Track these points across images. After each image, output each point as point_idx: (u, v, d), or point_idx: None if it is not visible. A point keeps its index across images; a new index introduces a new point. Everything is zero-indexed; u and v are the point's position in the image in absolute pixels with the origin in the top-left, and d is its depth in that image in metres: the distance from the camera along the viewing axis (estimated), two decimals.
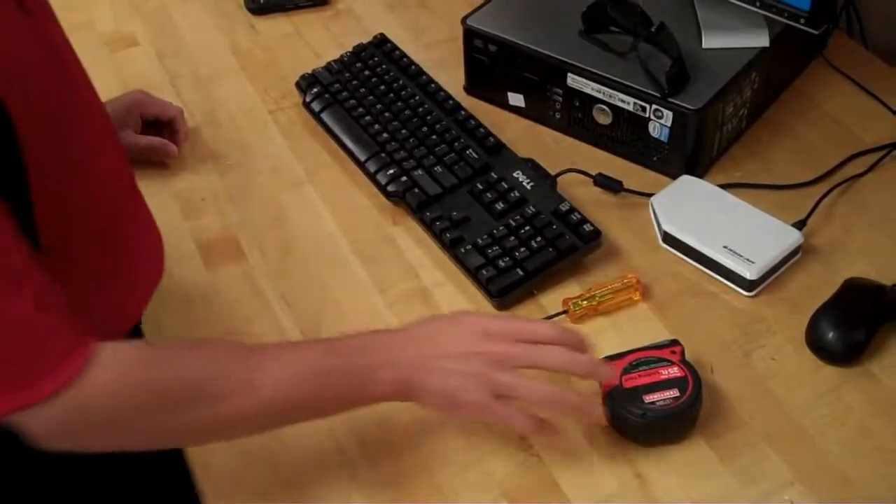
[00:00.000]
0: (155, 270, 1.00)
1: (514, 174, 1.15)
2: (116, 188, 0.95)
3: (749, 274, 1.04)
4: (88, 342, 0.79)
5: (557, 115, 1.25)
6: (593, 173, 1.17)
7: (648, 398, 0.91)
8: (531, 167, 1.16)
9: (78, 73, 0.91)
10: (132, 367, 0.81)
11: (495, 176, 1.15)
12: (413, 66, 1.30)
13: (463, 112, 1.23)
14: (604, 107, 1.19)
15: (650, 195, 1.15)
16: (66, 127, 0.84)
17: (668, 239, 1.10)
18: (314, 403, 0.87)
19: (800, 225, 1.10)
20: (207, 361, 0.84)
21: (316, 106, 1.27)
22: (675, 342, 0.97)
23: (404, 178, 1.16)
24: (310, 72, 1.32)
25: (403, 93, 1.26)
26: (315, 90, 1.28)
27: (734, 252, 1.06)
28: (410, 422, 0.95)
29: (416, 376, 0.87)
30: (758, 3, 1.17)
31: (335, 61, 1.33)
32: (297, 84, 1.31)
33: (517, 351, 0.88)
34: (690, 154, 1.17)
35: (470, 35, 1.27)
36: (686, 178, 1.16)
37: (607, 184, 1.16)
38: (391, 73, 1.29)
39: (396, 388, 0.87)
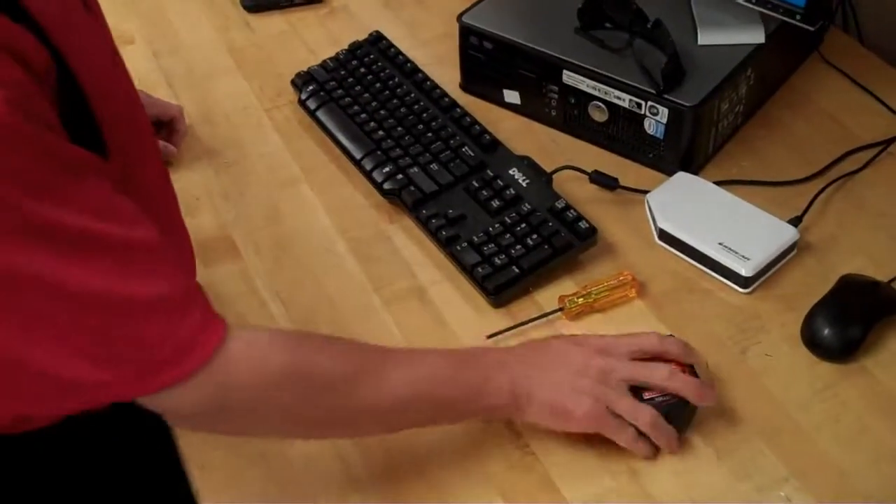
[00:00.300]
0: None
1: (510, 172, 1.15)
2: (161, 198, 0.97)
3: (744, 271, 1.04)
4: (222, 320, 0.79)
5: (553, 113, 1.25)
6: (589, 170, 1.17)
7: (647, 395, 0.91)
8: (527, 164, 1.16)
9: (128, 77, 0.93)
10: (273, 348, 0.82)
11: (491, 173, 1.15)
12: (409, 64, 1.30)
13: (458, 110, 1.23)
14: (599, 104, 1.19)
15: (646, 192, 1.15)
16: (126, 130, 0.86)
17: (664, 236, 1.10)
18: (435, 406, 0.88)
19: (795, 221, 1.10)
20: (346, 352, 0.86)
21: (311, 104, 1.27)
22: (670, 338, 0.97)
23: (400, 176, 1.16)
24: (305, 69, 1.32)
25: (399, 90, 1.26)
26: (310, 88, 1.28)
27: (729, 249, 1.06)
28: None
29: (531, 389, 0.89)
30: (753, 0, 1.17)
31: (331, 59, 1.33)
32: (293, 82, 1.31)
33: (628, 368, 0.91)
34: (686, 151, 1.17)
35: (465, 32, 1.27)
36: (682, 175, 1.16)
37: (603, 181, 1.16)
38: (387, 71, 1.29)
39: (511, 400, 0.88)
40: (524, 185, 1.13)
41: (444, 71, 1.33)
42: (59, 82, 0.74)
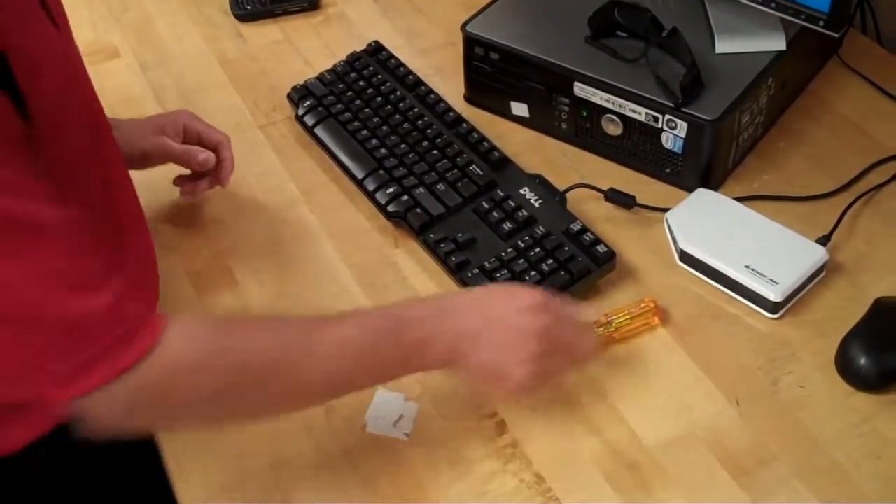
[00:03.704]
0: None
1: (521, 191, 1.09)
2: (122, 219, 0.94)
3: (773, 295, 0.99)
4: (157, 314, 0.77)
5: (564, 126, 1.19)
6: (604, 188, 1.12)
7: None
8: (539, 183, 1.11)
9: (93, 100, 0.91)
10: (200, 344, 0.79)
11: (501, 193, 1.09)
12: (410, 76, 1.24)
13: (465, 125, 1.17)
14: (613, 117, 1.14)
15: (665, 210, 1.09)
16: (80, 147, 0.84)
17: (686, 258, 1.05)
18: (370, 374, 0.87)
19: (824, 240, 1.05)
20: (274, 335, 0.82)
21: (309, 119, 1.21)
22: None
23: (405, 197, 1.10)
24: (301, 83, 1.25)
25: (401, 104, 1.20)
26: (308, 103, 1.22)
27: (756, 272, 1.00)
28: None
29: (474, 348, 0.86)
30: (773, 5, 1.11)
31: (328, 71, 1.26)
32: (289, 96, 1.25)
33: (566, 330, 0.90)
34: (706, 166, 1.11)
35: (470, 42, 1.21)
36: (702, 192, 1.10)
37: (619, 199, 1.11)
38: (387, 84, 1.23)
39: (450, 356, 0.87)
40: (537, 205, 1.08)
41: (447, 82, 1.27)
42: None
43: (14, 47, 0.73)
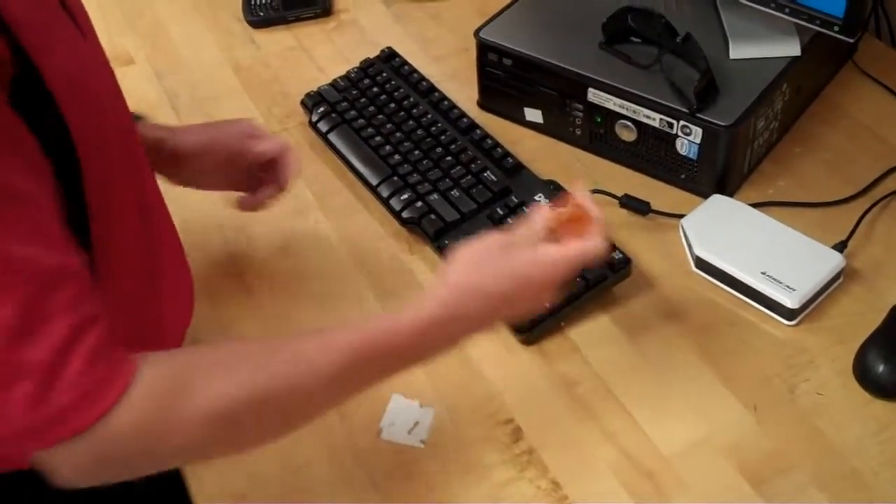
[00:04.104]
0: (184, 313, 0.97)
1: (536, 197, 1.09)
2: (152, 223, 0.91)
3: (790, 302, 0.98)
4: (125, 367, 0.71)
5: (578, 132, 1.18)
6: (618, 194, 1.11)
7: None
8: (553, 189, 1.10)
9: (123, 101, 0.89)
10: (167, 400, 0.72)
11: (516, 200, 1.09)
12: (424, 82, 1.24)
13: (479, 131, 1.17)
14: (627, 123, 1.13)
15: (680, 216, 1.09)
16: (114, 151, 0.81)
17: (701, 264, 1.04)
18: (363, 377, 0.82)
19: (840, 247, 1.04)
20: (256, 373, 0.76)
21: (323, 126, 1.21)
22: None
23: (419, 204, 1.10)
24: (315, 89, 1.25)
25: (415, 111, 1.20)
26: (321, 109, 1.22)
27: (773, 279, 1.00)
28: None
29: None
30: (788, 10, 1.10)
31: (341, 78, 1.26)
32: (303, 102, 1.25)
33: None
34: (721, 172, 1.11)
35: (484, 48, 1.20)
36: (717, 198, 1.09)
37: (634, 205, 1.10)
38: (401, 90, 1.23)
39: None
40: None
41: (460, 88, 1.27)
42: (21, 81, 0.69)
43: (48, 65, 0.71)
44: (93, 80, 0.80)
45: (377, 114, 1.20)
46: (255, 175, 1.04)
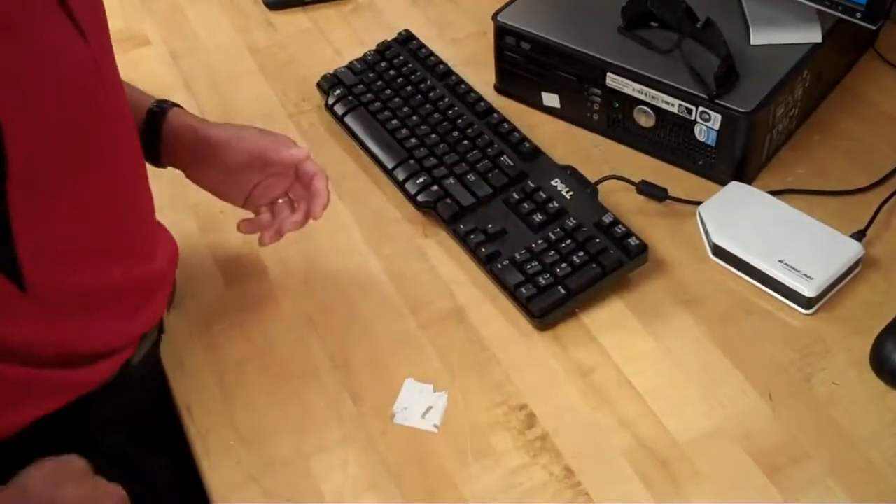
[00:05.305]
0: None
1: (553, 182, 1.08)
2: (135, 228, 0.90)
3: (807, 291, 0.97)
4: None
5: (595, 117, 1.17)
6: (635, 180, 1.10)
7: None
8: (570, 174, 1.10)
9: (121, 103, 0.86)
10: None
11: (532, 185, 1.08)
12: (441, 66, 1.23)
13: (496, 115, 1.16)
14: (646, 108, 1.12)
15: (697, 203, 1.08)
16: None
17: (719, 251, 1.03)
18: None
19: (859, 236, 1.03)
20: None
21: (339, 109, 1.20)
22: None
23: (435, 188, 1.09)
24: (331, 72, 1.25)
25: (431, 94, 1.19)
26: (338, 92, 1.22)
27: (790, 267, 0.99)
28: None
29: None
30: None
31: (358, 60, 1.26)
32: (319, 85, 1.25)
33: None
34: (739, 159, 1.10)
35: (502, 32, 1.20)
36: (735, 185, 1.09)
37: (651, 192, 1.10)
38: (418, 73, 1.22)
39: None
40: (568, 197, 1.07)
41: (477, 72, 1.26)
42: None
43: None
44: (79, 79, 0.77)
45: (393, 97, 1.20)
46: (274, 196, 1.01)
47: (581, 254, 1.01)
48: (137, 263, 0.91)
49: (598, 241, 1.01)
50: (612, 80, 1.13)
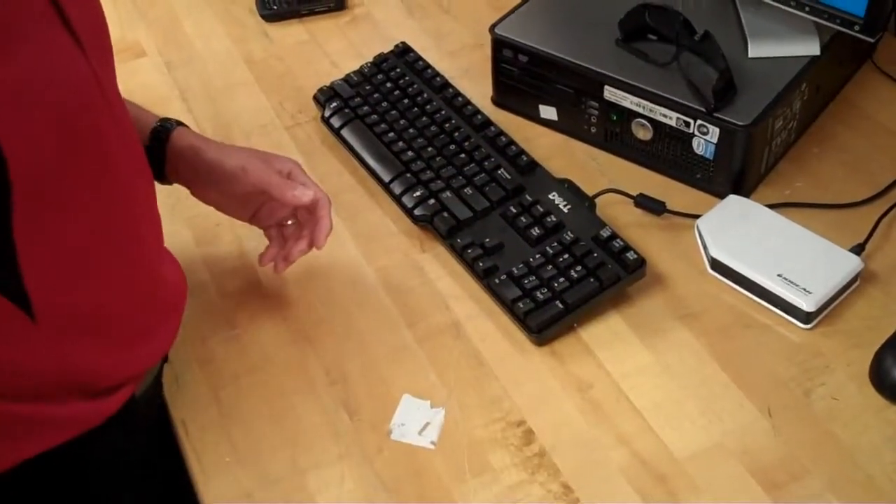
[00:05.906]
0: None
1: (550, 196, 1.08)
2: (145, 237, 0.89)
3: (806, 305, 0.97)
4: None
5: (593, 130, 1.17)
6: (633, 193, 1.10)
7: None
8: (567, 188, 1.09)
9: (125, 118, 0.84)
10: None
11: (530, 198, 1.07)
12: (438, 78, 1.22)
13: (493, 128, 1.15)
14: (643, 121, 1.12)
15: (695, 217, 1.07)
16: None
17: (717, 265, 1.03)
18: None
19: (858, 249, 1.03)
20: None
21: (336, 121, 1.20)
22: None
23: (432, 201, 1.09)
24: (328, 84, 1.24)
25: (428, 107, 1.19)
26: (334, 104, 1.21)
27: (789, 281, 0.98)
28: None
29: None
30: (807, 9, 1.09)
31: (355, 73, 1.25)
32: (315, 97, 1.24)
33: None
34: (738, 172, 1.09)
35: (499, 45, 1.19)
36: (733, 199, 1.08)
37: (649, 205, 1.09)
38: (415, 86, 1.22)
39: None
40: (566, 210, 1.06)
41: (474, 84, 1.25)
42: None
43: None
44: (80, 96, 0.76)
45: (390, 109, 1.19)
46: (280, 217, 1.02)
47: (579, 268, 1.00)
48: (146, 286, 0.90)
49: (595, 255, 1.01)
50: (610, 93, 1.13)
